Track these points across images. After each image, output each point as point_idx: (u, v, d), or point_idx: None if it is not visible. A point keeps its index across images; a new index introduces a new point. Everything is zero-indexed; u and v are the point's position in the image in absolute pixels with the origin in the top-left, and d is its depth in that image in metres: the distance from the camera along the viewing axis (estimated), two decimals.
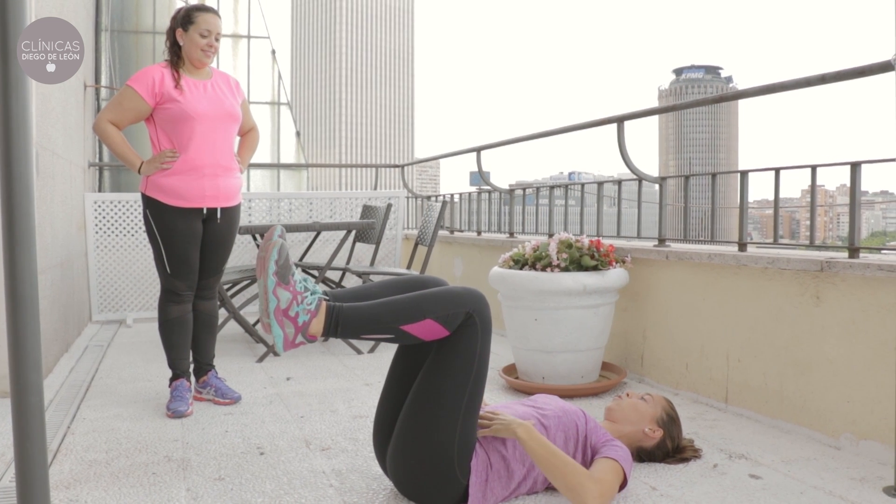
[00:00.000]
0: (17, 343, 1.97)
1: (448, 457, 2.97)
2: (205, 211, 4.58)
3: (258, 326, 7.20)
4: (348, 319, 2.95)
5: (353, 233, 7.51)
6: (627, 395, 3.63)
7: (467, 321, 3.00)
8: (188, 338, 4.77)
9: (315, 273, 7.34)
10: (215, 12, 4.63)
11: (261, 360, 6.03)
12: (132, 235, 8.09)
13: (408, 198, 10.42)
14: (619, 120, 5.69)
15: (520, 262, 5.21)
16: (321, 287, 3.43)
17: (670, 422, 3.58)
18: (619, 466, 3.15)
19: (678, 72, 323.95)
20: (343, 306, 2.98)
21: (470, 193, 9.08)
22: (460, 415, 2.99)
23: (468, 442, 3.02)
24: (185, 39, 4.53)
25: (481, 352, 3.05)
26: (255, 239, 6.91)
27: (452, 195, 9.39)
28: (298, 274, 3.02)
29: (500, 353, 6.23)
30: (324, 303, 2.97)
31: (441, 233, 8.80)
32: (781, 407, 4.25)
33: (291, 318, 2.91)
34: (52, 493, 3.03)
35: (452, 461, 2.97)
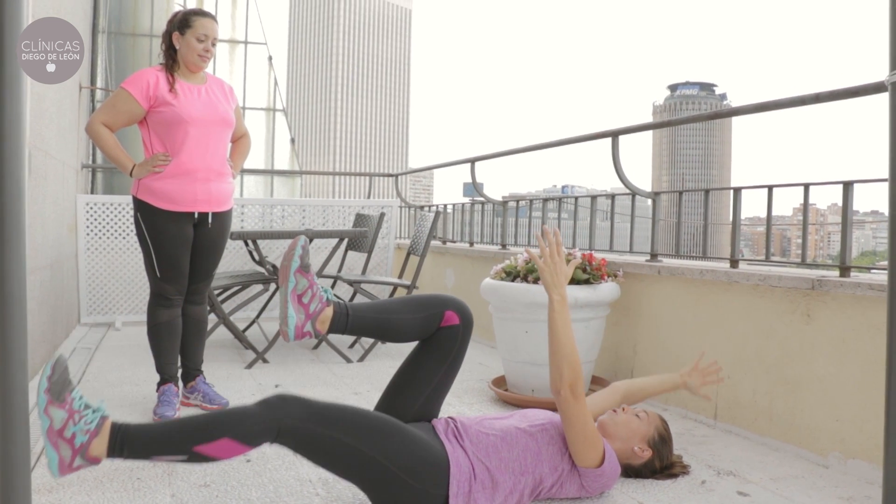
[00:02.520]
0: (4, 342, 1.96)
1: (398, 477, 2.91)
2: (196, 215, 4.57)
3: (248, 332, 7.19)
4: (134, 439, 2.74)
5: (346, 241, 7.50)
6: (623, 409, 3.62)
7: (273, 437, 2.82)
8: (177, 342, 4.75)
9: None
10: (212, 17, 4.62)
11: (249, 366, 6.01)
12: (123, 238, 8.07)
13: (401, 207, 10.42)
14: (614, 134, 5.70)
15: (511, 274, 5.20)
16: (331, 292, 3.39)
17: (661, 442, 3.56)
18: (599, 437, 3.24)
19: (673, 88, 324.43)
20: (130, 426, 2.77)
21: (463, 204, 9.08)
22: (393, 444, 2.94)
23: (422, 457, 2.98)
24: (181, 43, 4.52)
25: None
26: (246, 244, 6.89)
27: (445, 206, 9.39)
28: (77, 392, 2.77)
29: (489, 365, 6.24)
30: (107, 421, 2.74)
31: (433, 243, 8.80)
32: (770, 424, 4.25)
33: (67, 439, 2.66)
34: (34, 498, 3.01)
35: (410, 478, 2.94)
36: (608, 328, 5.42)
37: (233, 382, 5.47)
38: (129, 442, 2.71)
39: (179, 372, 4.87)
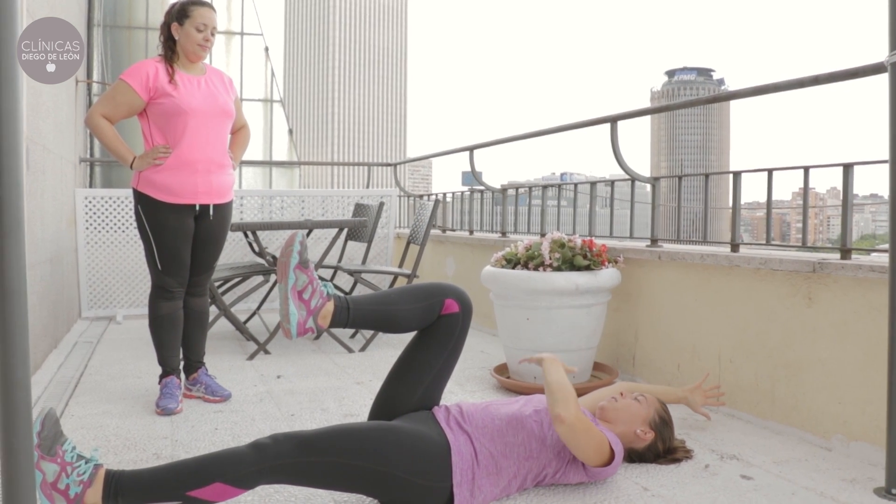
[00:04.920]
0: (5, 337, 1.96)
1: (401, 479, 2.92)
2: (197, 207, 4.56)
3: (249, 323, 7.18)
4: (128, 487, 2.75)
5: (345, 231, 7.49)
6: (621, 394, 3.62)
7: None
8: (178, 335, 4.75)
9: None
10: (211, 6, 4.60)
11: (251, 357, 6.01)
12: (123, 232, 8.05)
13: (400, 197, 10.41)
14: (613, 120, 5.68)
15: (512, 262, 5.20)
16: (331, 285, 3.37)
17: (662, 424, 3.57)
18: (605, 437, 3.22)
19: (670, 73, 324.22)
20: (124, 474, 2.78)
21: (462, 193, 9.07)
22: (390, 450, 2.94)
23: (423, 452, 2.99)
24: (180, 34, 4.50)
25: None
26: (246, 236, 6.88)
27: (444, 194, 9.38)
28: (69, 444, 2.80)
29: (491, 353, 6.24)
30: (101, 470, 2.76)
31: (433, 232, 8.79)
32: (773, 408, 4.25)
33: (61, 491, 2.69)
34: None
35: (413, 477, 2.93)
36: (609, 314, 5.41)
37: (235, 374, 5.48)
38: (124, 490, 2.73)
39: (181, 364, 4.87)
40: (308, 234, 7.72)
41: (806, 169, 4.36)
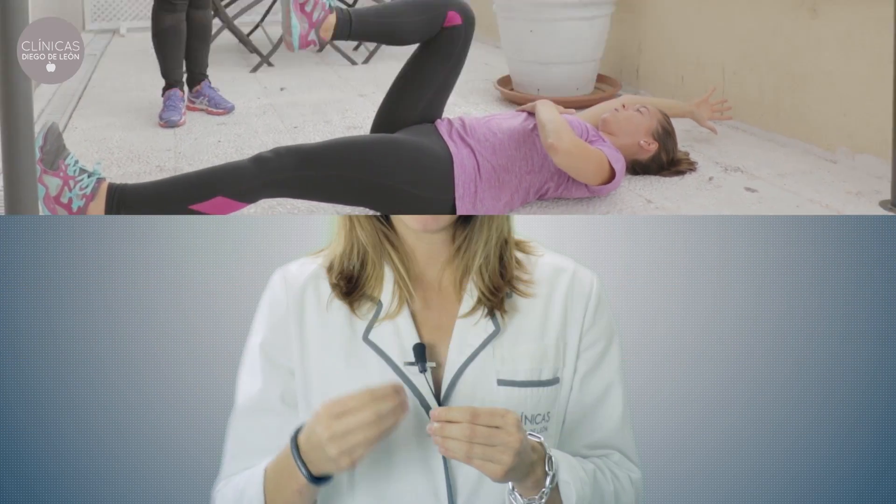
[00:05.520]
0: (7, 47, 1.95)
1: (404, 191, 2.94)
2: None
3: (252, 36, 7.11)
4: (130, 201, 2.73)
5: None
6: (623, 106, 3.61)
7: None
8: (181, 47, 4.70)
9: None
10: None
11: (254, 70, 5.97)
12: None
13: None
14: None
15: None
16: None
17: (665, 135, 3.57)
18: (604, 156, 3.22)
19: None
20: (126, 186, 2.77)
21: None
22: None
23: (426, 165, 3.01)
24: None
25: None
26: None
27: None
28: (72, 158, 2.75)
29: (493, 65, 6.19)
30: (103, 184, 2.74)
31: None
32: (777, 120, 4.24)
33: (64, 204, 2.67)
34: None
35: (416, 189, 2.96)
36: (613, 26, 5.31)
37: (238, 87, 5.45)
38: (126, 203, 2.73)
39: (185, 77, 4.85)
40: None
41: None
